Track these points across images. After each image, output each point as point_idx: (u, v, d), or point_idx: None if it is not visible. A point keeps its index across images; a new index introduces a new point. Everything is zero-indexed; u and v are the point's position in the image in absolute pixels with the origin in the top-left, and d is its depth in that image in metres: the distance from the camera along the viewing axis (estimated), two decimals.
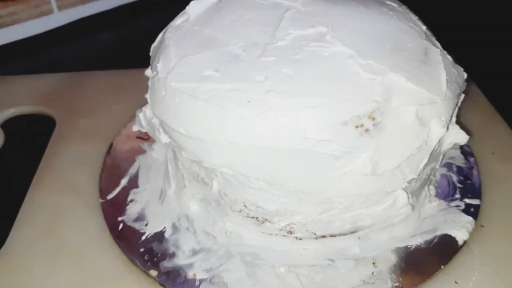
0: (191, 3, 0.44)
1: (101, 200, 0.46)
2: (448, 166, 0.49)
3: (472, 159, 0.49)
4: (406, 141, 0.36)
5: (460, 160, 0.49)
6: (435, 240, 0.41)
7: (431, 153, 0.38)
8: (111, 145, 0.52)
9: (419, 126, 0.36)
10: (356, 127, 0.34)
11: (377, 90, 0.35)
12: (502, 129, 0.54)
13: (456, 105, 0.40)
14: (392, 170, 0.36)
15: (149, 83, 0.41)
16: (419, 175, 0.38)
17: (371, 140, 0.35)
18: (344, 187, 0.36)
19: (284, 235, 0.40)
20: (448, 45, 0.42)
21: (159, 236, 0.42)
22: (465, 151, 0.50)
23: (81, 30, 0.77)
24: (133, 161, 0.50)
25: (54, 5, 0.74)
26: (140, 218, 0.44)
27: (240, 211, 0.40)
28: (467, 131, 0.41)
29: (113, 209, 0.45)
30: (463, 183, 0.47)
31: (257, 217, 0.40)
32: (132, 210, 0.45)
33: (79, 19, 0.77)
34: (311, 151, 0.34)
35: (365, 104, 0.34)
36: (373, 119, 0.34)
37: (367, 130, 0.34)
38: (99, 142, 0.53)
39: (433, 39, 0.42)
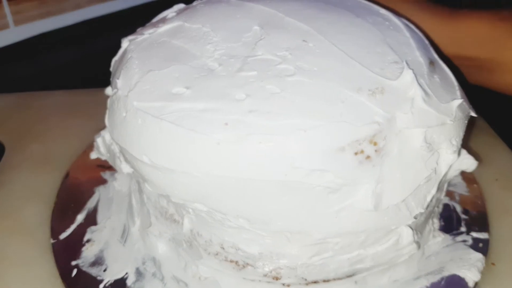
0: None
1: (52, 240, 0.41)
2: (450, 194, 0.45)
3: (475, 186, 0.46)
4: (413, 169, 0.31)
5: (462, 188, 0.46)
6: (443, 283, 0.37)
7: (440, 183, 0.33)
8: (66, 175, 0.48)
9: (427, 152, 0.31)
10: (355, 153, 0.30)
11: (378, 110, 0.30)
12: (505, 154, 0.50)
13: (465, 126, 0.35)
14: (397, 204, 0.31)
15: (108, 102, 0.36)
16: (426, 208, 0.33)
17: (373, 169, 0.30)
18: (341, 225, 0.32)
19: (269, 282, 0.36)
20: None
21: (120, 285, 0.38)
22: (466, 177, 0.46)
23: (39, 47, 0.75)
24: (92, 193, 0.46)
25: (10, 19, 0.72)
26: (98, 261, 0.40)
27: (217, 254, 0.35)
28: (475, 156, 0.37)
29: (66, 251, 0.41)
30: (468, 214, 0.43)
31: (237, 261, 0.35)
32: (88, 252, 0.40)
33: (37, 35, 0.75)
34: (302, 183, 0.30)
35: (365, 126, 0.30)
36: (375, 144, 0.30)
37: (368, 157, 0.30)
38: (53, 171, 0.49)
39: (434, 53, 0.37)
